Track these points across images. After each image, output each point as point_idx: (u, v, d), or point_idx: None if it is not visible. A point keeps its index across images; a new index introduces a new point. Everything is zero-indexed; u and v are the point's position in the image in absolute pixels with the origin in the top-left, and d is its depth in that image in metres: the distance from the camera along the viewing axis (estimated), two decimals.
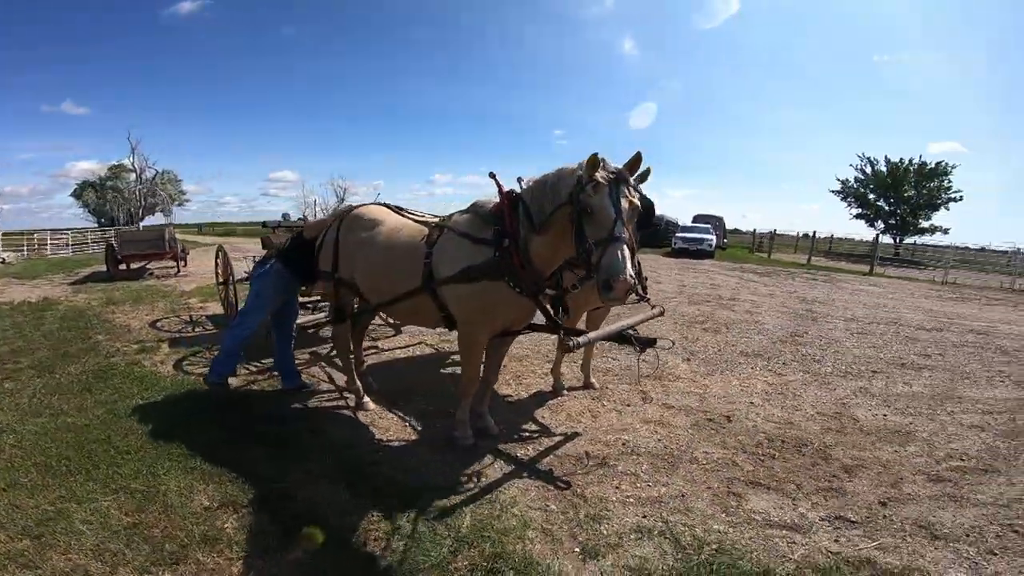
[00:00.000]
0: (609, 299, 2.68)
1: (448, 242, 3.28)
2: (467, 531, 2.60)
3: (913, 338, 7.39)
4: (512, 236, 3.00)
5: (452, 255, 3.20)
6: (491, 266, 3.03)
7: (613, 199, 2.60)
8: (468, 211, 3.38)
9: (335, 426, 3.81)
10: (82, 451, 3.37)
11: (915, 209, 32.11)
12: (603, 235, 2.59)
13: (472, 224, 3.24)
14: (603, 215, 2.61)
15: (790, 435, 3.87)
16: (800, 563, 2.46)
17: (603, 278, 2.57)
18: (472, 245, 3.14)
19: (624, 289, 2.54)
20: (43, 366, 5.14)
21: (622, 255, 2.54)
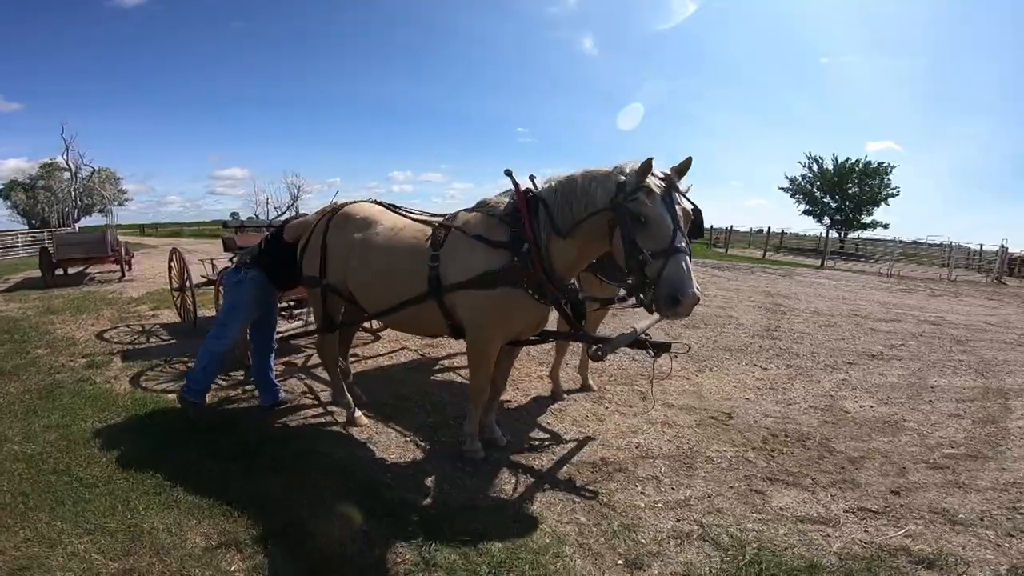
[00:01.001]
0: (672, 315, 2.58)
1: (458, 244, 3.10)
2: (500, 555, 2.50)
3: (875, 329, 7.85)
4: (532, 240, 2.88)
5: (464, 259, 3.03)
6: (511, 272, 2.90)
7: (669, 207, 2.52)
8: (476, 211, 3.21)
9: (331, 445, 3.60)
10: (39, 485, 3.06)
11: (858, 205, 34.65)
12: (662, 246, 2.50)
13: (485, 225, 3.07)
14: (660, 224, 2.51)
15: (791, 429, 4.01)
16: (840, 555, 2.54)
17: (667, 292, 2.49)
18: (487, 248, 2.98)
19: (692, 305, 2.48)
20: None
21: (687, 268, 2.48)
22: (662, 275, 2.50)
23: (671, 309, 2.52)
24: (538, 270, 2.86)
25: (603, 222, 2.71)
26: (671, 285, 2.47)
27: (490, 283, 2.93)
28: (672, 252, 2.49)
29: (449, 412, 4.18)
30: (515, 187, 3.01)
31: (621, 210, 2.59)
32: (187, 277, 6.31)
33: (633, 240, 2.56)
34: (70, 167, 39.24)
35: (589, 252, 2.96)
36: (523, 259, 2.87)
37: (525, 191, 2.99)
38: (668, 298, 2.49)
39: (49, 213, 40.27)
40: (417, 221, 3.48)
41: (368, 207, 3.71)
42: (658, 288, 2.52)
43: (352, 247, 3.50)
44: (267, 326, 4.16)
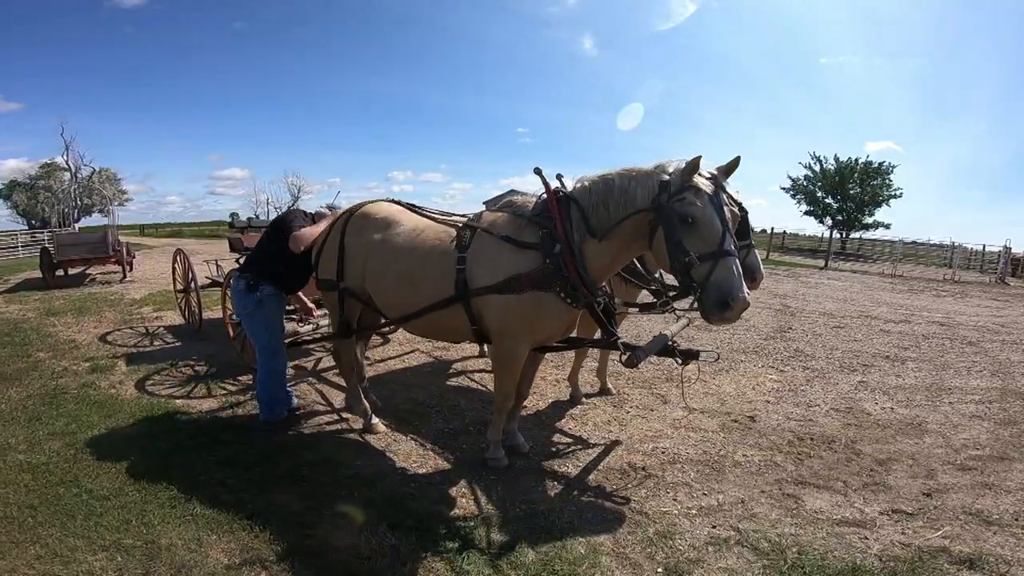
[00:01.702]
0: (721, 320, 2.52)
1: (486, 246, 3.02)
2: (535, 566, 2.47)
3: (886, 331, 7.92)
4: (565, 241, 2.82)
5: (493, 261, 2.96)
6: (544, 274, 2.83)
7: (717, 207, 2.47)
8: (502, 211, 3.15)
9: (350, 455, 3.55)
10: (47, 497, 2.99)
11: (860, 206, 34.90)
12: (711, 248, 2.45)
13: (513, 226, 3.01)
14: (709, 226, 2.46)
15: (816, 432, 4.03)
16: (882, 557, 2.56)
17: (716, 297, 2.44)
18: (516, 250, 2.92)
19: (742, 310, 2.44)
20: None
21: (737, 271, 2.43)
22: (710, 279, 2.46)
23: (719, 314, 2.47)
24: (571, 272, 2.80)
25: (643, 223, 2.67)
26: (720, 289, 2.43)
27: (520, 286, 2.86)
28: (721, 255, 2.45)
29: (468, 418, 4.16)
30: (545, 187, 2.96)
31: (665, 210, 2.54)
32: (192, 278, 6.27)
33: (679, 241, 2.51)
34: (70, 167, 39.77)
35: (626, 254, 2.93)
36: (555, 261, 2.82)
37: (556, 190, 2.95)
38: (717, 303, 2.45)
39: (49, 213, 40.19)
40: (438, 221, 3.41)
41: (387, 206, 3.63)
42: (706, 292, 2.48)
43: (371, 249, 3.42)
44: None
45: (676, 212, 2.51)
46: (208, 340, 6.25)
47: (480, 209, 3.81)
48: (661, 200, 2.56)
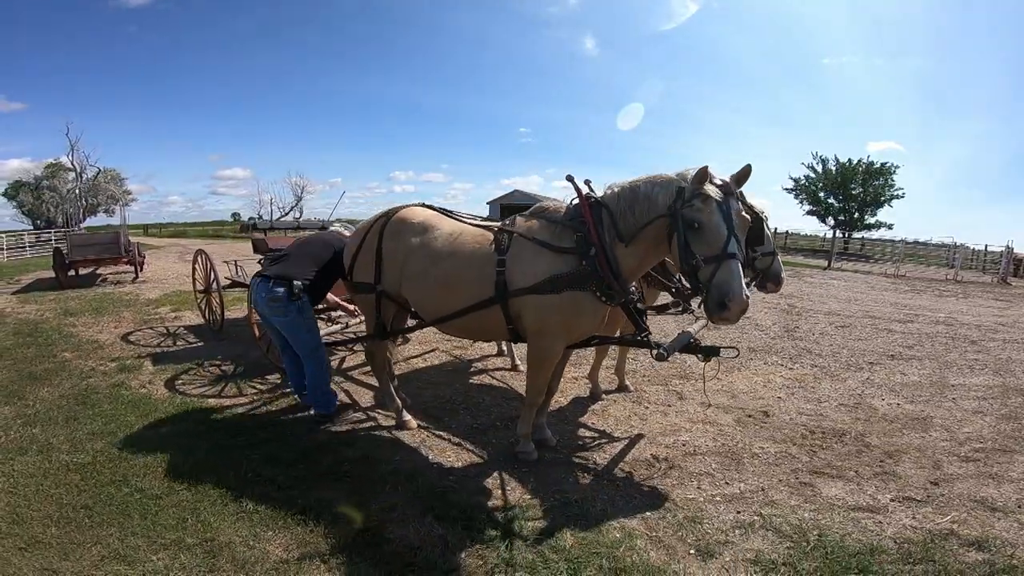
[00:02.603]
0: (720, 319, 2.74)
1: (525, 250, 3.24)
2: (575, 551, 2.69)
3: (890, 330, 8.22)
4: (599, 244, 3.06)
5: (532, 264, 3.18)
6: (582, 275, 3.06)
7: (724, 214, 2.70)
8: (535, 217, 3.39)
9: (387, 451, 3.78)
10: (100, 496, 3.13)
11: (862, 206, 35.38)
12: (715, 252, 2.68)
13: (549, 231, 3.24)
14: (714, 231, 2.69)
15: (827, 426, 4.31)
16: (896, 539, 2.83)
17: (716, 297, 2.67)
18: (554, 254, 3.16)
19: (740, 310, 2.67)
20: (8, 391, 4.84)
21: (737, 273, 2.65)
22: (713, 280, 2.69)
23: (719, 313, 2.71)
24: (606, 272, 3.04)
25: (662, 228, 2.92)
26: (720, 290, 2.67)
27: (558, 287, 3.11)
28: (724, 258, 2.68)
29: (493, 414, 4.42)
30: (577, 193, 3.21)
31: (677, 216, 2.80)
32: (214, 279, 6.48)
33: (686, 245, 2.77)
34: (75, 167, 40.60)
35: (650, 258, 3.18)
36: (590, 263, 3.06)
37: (587, 196, 3.20)
38: (717, 303, 2.69)
39: (54, 214, 40.72)
40: (473, 225, 3.64)
41: (422, 211, 3.85)
42: (709, 293, 2.73)
43: (410, 252, 3.64)
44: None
45: (685, 217, 2.76)
46: (230, 340, 6.50)
47: (484, 209, 4.05)
48: (676, 206, 2.81)
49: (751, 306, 2.87)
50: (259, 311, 4.15)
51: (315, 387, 4.18)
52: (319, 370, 4.15)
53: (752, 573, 2.55)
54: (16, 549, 2.68)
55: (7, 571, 2.51)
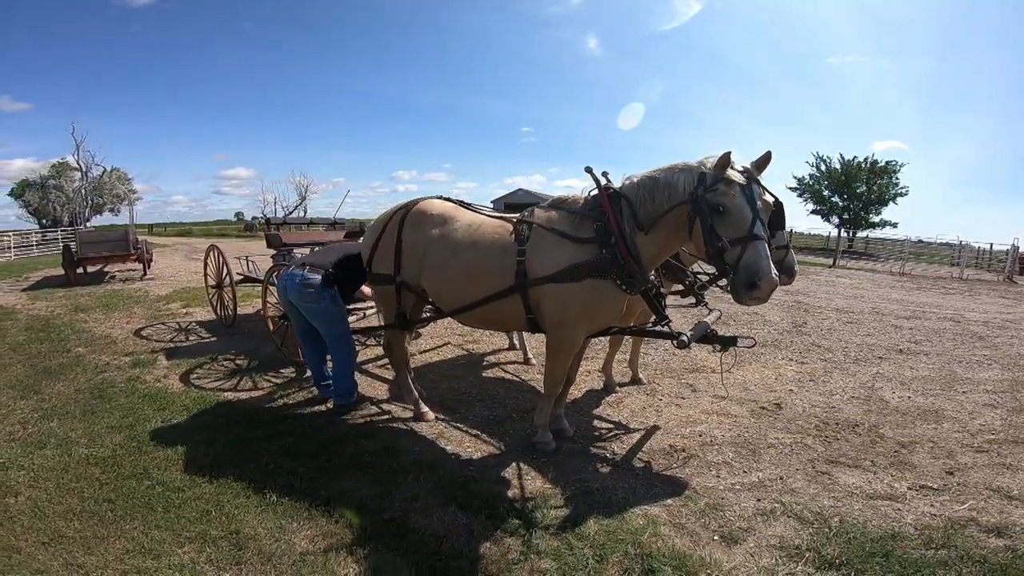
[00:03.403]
0: (751, 299, 2.76)
1: (544, 240, 3.30)
2: (599, 536, 2.74)
3: (898, 326, 8.27)
4: (619, 232, 3.12)
5: (552, 253, 3.24)
6: (602, 263, 3.11)
7: (748, 197, 2.76)
8: (554, 208, 3.44)
9: (407, 442, 3.82)
10: (122, 490, 3.16)
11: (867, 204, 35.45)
12: (741, 233, 2.73)
13: (568, 222, 3.30)
14: (739, 213, 2.74)
15: (840, 418, 4.36)
16: (916, 525, 2.88)
17: (745, 278, 2.71)
18: (574, 244, 3.21)
19: (770, 289, 2.70)
20: (24, 385, 4.89)
21: (765, 253, 2.70)
22: (740, 261, 2.73)
23: (749, 293, 2.74)
24: (627, 261, 3.10)
25: (683, 215, 2.97)
26: (749, 270, 2.71)
27: (578, 275, 3.16)
28: (751, 239, 2.73)
29: (509, 406, 4.47)
30: (597, 184, 3.28)
31: (700, 201, 2.85)
32: (227, 274, 6.54)
33: (711, 227, 2.81)
34: (80, 167, 41.28)
35: (670, 245, 3.23)
36: (611, 251, 3.12)
37: (606, 187, 3.26)
38: (746, 283, 2.73)
39: (60, 213, 41.19)
40: (492, 217, 3.70)
41: (441, 204, 3.91)
42: (736, 274, 2.77)
43: (430, 244, 3.70)
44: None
45: (709, 202, 2.81)
46: (242, 335, 6.56)
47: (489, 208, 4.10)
48: (698, 192, 2.86)
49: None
50: (291, 300, 4.19)
51: (340, 376, 4.24)
52: (346, 359, 4.23)
53: (777, 558, 2.60)
54: (39, 544, 2.69)
55: (32, 566, 2.53)
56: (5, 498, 3.08)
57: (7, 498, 3.09)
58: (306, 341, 4.45)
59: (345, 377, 4.27)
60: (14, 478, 3.29)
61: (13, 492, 3.15)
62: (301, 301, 4.08)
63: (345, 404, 4.29)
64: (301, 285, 4.01)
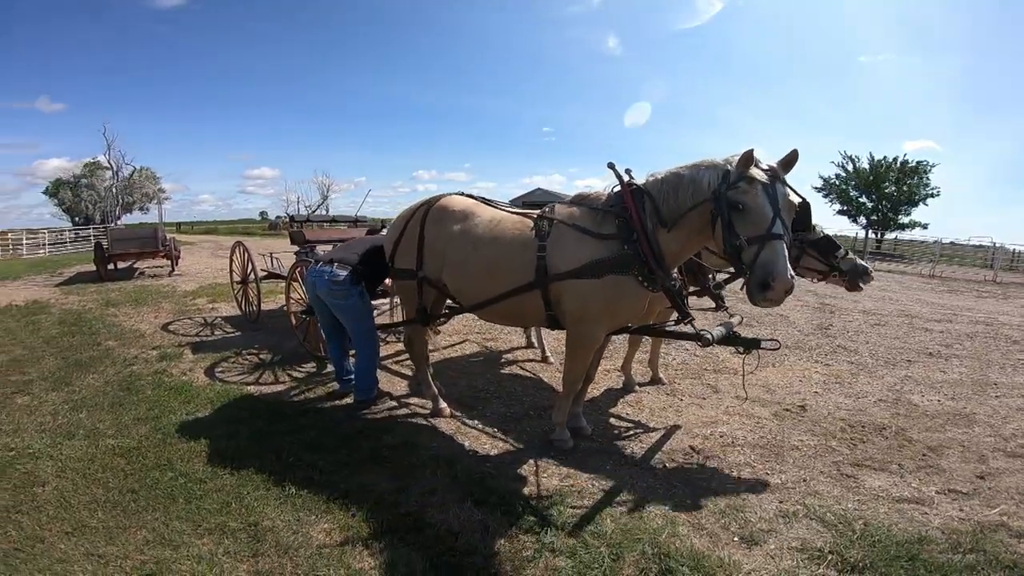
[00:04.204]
0: (764, 300, 2.69)
1: (566, 236, 3.28)
2: (616, 536, 2.71)
3: (927, 329, 8.05)
4: (641, 229, 3.09)
5: (573, 249, 3.22)
6: (624, 259, 3.08)
7: (770, 196, 2.68)
8: (575, 204, 3.42)
9: (425, 437, 3.84)
10: (145, 481, 3.22)
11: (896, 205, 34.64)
12: (759, 232, 2.67)
13: (589, 218, 3.27)
14: (759, 211, 2.68)
15: (866, 421, 4.26)
16: (943, 530, 2.81)
17: (760, 277, 2.65)
18: (595, 240, 3.19)
19: (784, 290, 2.63)
20: (56, 378, 5.02)
21: (782, 254, 2.63)
22: (756, 260, 2.67)
23: (762, 294, 2.67)
24: (649, 257, 3.06)
25: (705, 213, 2.92)
26: (764, 270, 2.64)
27: (599, 272, 3.13)
28: (768, 238, 2.66)
29: (526, 403, 4.46)
30: (619, 180, 3.25)
31: (721, 199, 2.80)
32: (251, 270, 6.66)
33: (730, 225, 2.76)
34: (111, 166, 42.74)
35: (693, 243, 3.18)
36: (633, 248, 3.08)
37: (628, 183, 3.22)
38: (760, 283, 2.66)
39: (92, 211, 42.62)
40: (513, 213, 3.70)
41: (463, 200, 3.93)
42: (752, 273, 2.71)
43: (452, 239, 3.71)
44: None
45: (729, 200, 2.76)
46: (266, 330, 6.67)
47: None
48: (720, 189, 2.81)
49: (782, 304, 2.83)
50: (319, 295, 4.25)
51: (363, 372, 4.30)
52: (370, 355, 4.28)
53: (799, 560, 2.55)
54: (63, 534, 2.74)
55: (53, 555, 2.58)
56: (33, 488, 3.17)
57: (35, 487, 3.17)
58: (330, 336, 4.52)
59: (367, 373, 4.32)
60: (43, 468, 3.38)
61: (41, 482, 3.23)
62: (330, 297, 4.13)
63: (366, 399, 4.33)
64: (330, 281, 4.06)
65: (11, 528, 2.78)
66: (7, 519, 2.85)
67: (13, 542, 2.67)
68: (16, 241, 23.61)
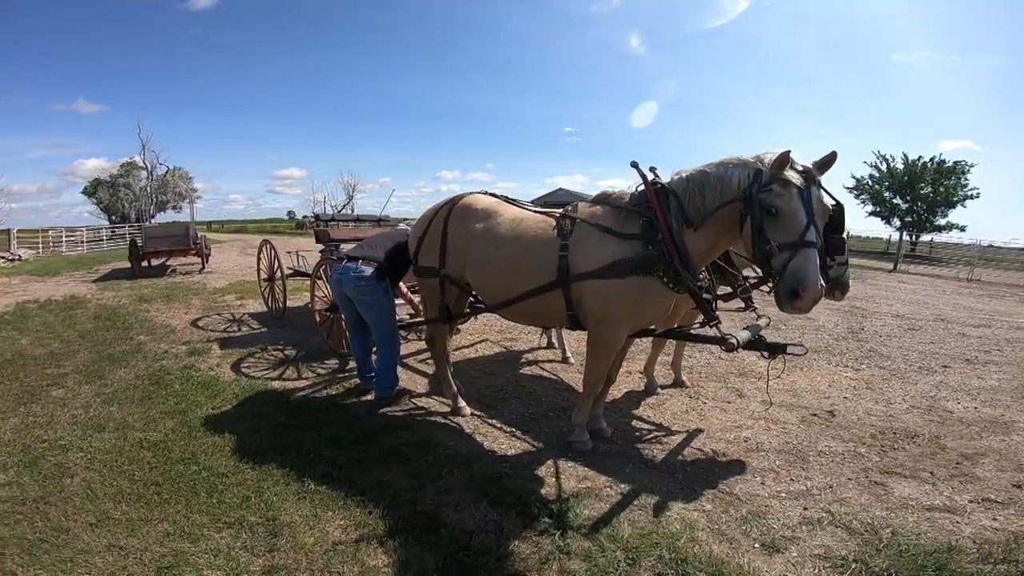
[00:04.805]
0: (792, 309, 2.66)
1: (587, 235, 3.24)
2: (633, 539, 2.67)
3: (964, 334, 7.78)
4: (666, 229, 3.02)
5: (595, 249, 3.18)
6: (648, 260, 3.03)
7: (805, 200, 2.60)
8: (598, 203, 3.38)
9: (444, 435, 3.84)
10: (169, 474, 3.27)
11: (932, 207, 33.51)
12: (792, 239, 2.60)
13: (612, 217, 3.22)
14: (793, 217, 2.60)
15: (897, 427, 4.12)
16: (975, 539, 2.71)
17: (789, 286, 2.60)
18: (618, 240, 3.13)
19: (813, 300, 2.58)
20: (89, 371, 5.16)
21: (814, 263, 2.57)
22: (787, 268, 2.61)
23: (791, 303, 2.63)
24: (674, 258, 3.01)
25: (734, 212, 2.85)
26: (794, 278, 2.59)
27: (623, 272, 3.08)
28: (801, 246, 2.59)
29: (545, 404, 4.44)
30: (643, 179, 3.19)
31: (753, 200, 2.71)
32: (278, 267, 6.80)
33: (761, 229, 2.69)
34: (146, 166, 44.14)
35: (720, 244, 3.12)
36: (657, 248, 3.02)
37: (653, 182, 3.16)
38: (789, 292, 2.61)
39: (128, 210, 43.98)
40: (535, 212, 3.68)
41: (486, 198, 3.93)
42: (782, 281, 2.64)
43: (474, 238, 3.71)
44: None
45: (762, 202, 2.67)
46: (291, 327, 6.79)
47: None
48: (751, 190, 2.72)
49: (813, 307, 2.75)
50: (345, 292, 4.30)
51: (384, 369, 4.33)
52: (392, 353, 4.31)
53: (821, 569, 2.48)
54: (87, 525, 2.79)
55: (76, 546, 2.63)
56: (62, 479, 3.25)
57: (64, 479, 3.25)
58: (355, 333, 4.58)
59: (389, 370, 4.35)
60: (73, 460, 3.46)
61: (70, 473, 3.31)
62: (357, 294, 4.19)
63: (386, 396, 4.36)
64: (356, 278, 4.12)
65: (38, 519, 2.85)
66: (35, 510, 2.93)
67: (40, 533, 2.73)
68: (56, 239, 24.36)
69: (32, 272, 14.30)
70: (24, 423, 4.04)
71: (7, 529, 2.77)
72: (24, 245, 22.14)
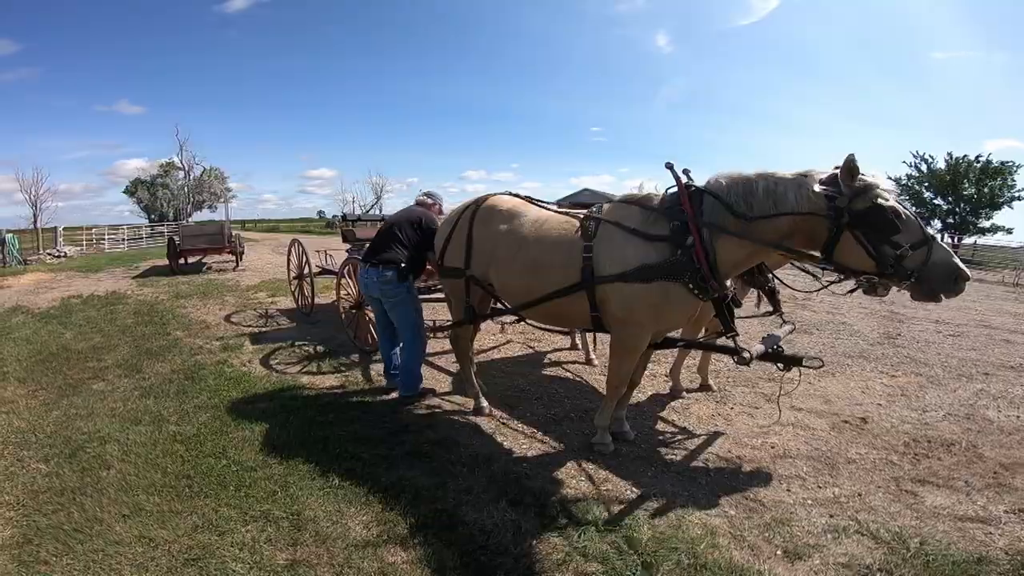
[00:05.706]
0: (955, 292, 2.77)
1: (613, 236, 3.21)
2: (652, 543, 2.65)
3: (1009, 341, 7.48)
4: (697, 234, 2.97)
5: (621, 251, 3.15)
6: (675, 265, 3.00)
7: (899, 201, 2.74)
8: (623, 204, 3.35)
9: (466, 435, 3.88)
10: (200, 467, 3.37)
11: (976, 208, 32.20)
12: (918, 236, 2.71)
13: (640, 219, 3.19)
14: (907, 217, 2.71)
15: (933, 435, 4.00)
16: (1008, 551, 2.63)
17: (945, 272, 2.71)
18: (645, 242, 3.10)
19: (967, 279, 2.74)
20: (128, 365, 5.37)
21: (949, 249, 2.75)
22: (931, 260, 2.71)
23: (955, 287, 2.74)
24: (703, 265, 2.96)
25: (800, 226, 2.85)
26: (949, 266, 2.71)
27: (649, 276, 3.05)
28: (931, 239, 2.73)
29: (568, 405, 4.44)
30: (677, 181, 3.14)
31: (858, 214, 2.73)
32: (306, 265, 6.98)
33: (887, 237, 2.72)
34: (183, 166, 45.40)
35: (761, 254, 3.09)
36: (686, 253, 2.98)
37: (687, 185, 3.11)
38: (949, 278, 2.72)
39: (167, 209, 45.60)
40: (560, 213, 3.68)
41: (510, 199, 3.96)
42: (932, 272, 2.71)
43: (498, 238, 3.73)
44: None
45: (877, 212, 2.72)
46: (319, 324, 6.96)
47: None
48: (840, 204, 2.74)
49: (843, 310, 2.81)
50: (371, 294, 4.43)
51: (409, 367, 4.41)
52: (418, 352, 4.40)
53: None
54: (120, 516, 2.89)
55: (109, 537, 2.73)
56: (99, 471, 3.39)
57: (101, 471, 3.39)
58: (383, 333, 4.68)
59: (413, 369, 4.43)
60: (109, 452, 3.61)
61: (107, 465, 3.45)
62: (383, 296, 4.32)
63: (411, 395, 4.43)
64: (380, 282, 4.24)
65: (74, 510, 2.97)
66: (72, 500, 3.06)
67: (75, 523, 2.85)
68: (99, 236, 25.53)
69: (77, 268, 15.02)
70: (66, 415, 4.23)
71: (44, 519, 2.89)
72: (69, 242, 23.26)
